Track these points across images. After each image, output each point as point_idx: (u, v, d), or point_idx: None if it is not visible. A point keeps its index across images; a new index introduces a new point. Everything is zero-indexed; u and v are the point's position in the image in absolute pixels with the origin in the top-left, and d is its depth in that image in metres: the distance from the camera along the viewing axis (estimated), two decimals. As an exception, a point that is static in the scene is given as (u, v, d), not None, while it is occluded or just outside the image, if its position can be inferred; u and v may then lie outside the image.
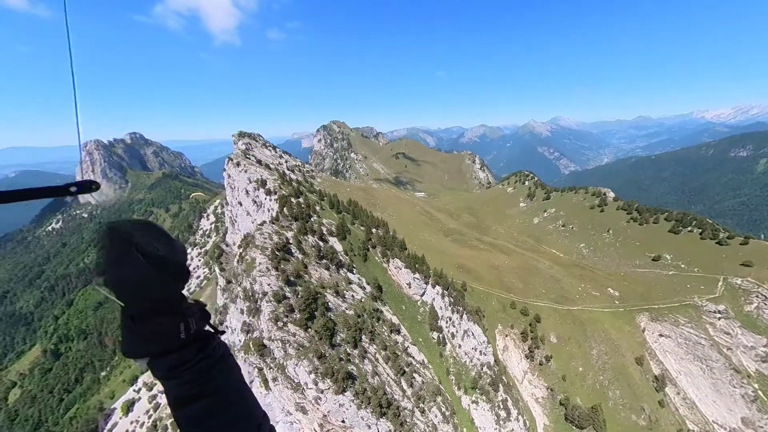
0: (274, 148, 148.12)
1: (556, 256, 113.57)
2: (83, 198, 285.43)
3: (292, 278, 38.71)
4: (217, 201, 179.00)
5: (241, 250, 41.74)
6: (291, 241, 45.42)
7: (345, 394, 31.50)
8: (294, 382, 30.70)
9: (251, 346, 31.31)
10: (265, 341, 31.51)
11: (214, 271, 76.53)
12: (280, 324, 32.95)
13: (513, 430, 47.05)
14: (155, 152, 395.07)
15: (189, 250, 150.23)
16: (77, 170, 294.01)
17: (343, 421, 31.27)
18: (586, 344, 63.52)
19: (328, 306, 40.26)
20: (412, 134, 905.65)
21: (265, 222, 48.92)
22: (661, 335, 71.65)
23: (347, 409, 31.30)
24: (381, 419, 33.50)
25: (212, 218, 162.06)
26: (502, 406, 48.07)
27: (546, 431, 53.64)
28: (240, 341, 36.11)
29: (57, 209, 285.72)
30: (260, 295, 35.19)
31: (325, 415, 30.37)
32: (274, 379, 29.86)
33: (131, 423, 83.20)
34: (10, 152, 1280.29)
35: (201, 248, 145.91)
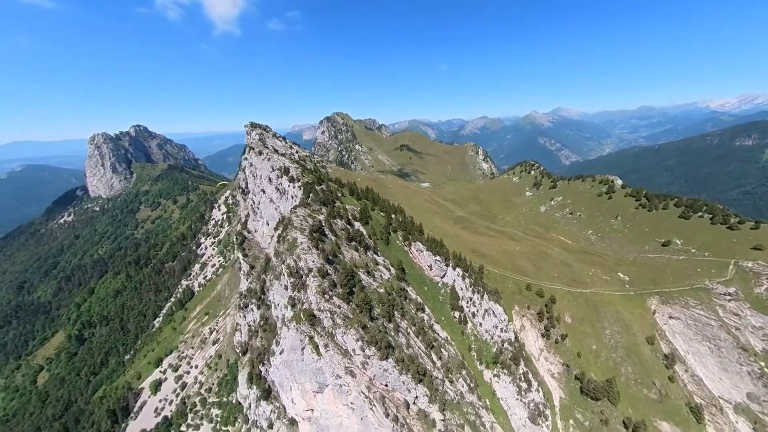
0: (284, 139, 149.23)
1: (564, 243, 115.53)
2: (94, 191, 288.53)
3: (330, 257, 41.00)
4: (227, 192, 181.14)
5: (279, 231, 43.91)
6: (324, 224, 47.57)
7: (388, 360, 34.12)
8: (342, 348, 33.28)
9: (302, 316, 33.80)
10: (315, 312, 33.96)
11: (238, 256, 79.13)
12: (326, 297, 35.40)
13: (534, 399, 50.07)
14: (159, 145, 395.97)
15: (203, 240, 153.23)
16: (86, 164, 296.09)
17: (386, 385, 33.96)
18: (599, 324, 66.13)
19: (362, 284, 42.67)
20: (413, 126, 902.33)
21: (297, 206, 51.05)
22: (671, 317, 74.09)
23: (390, 374, 33.96)
24: (419, 385, 36.23)
25: (223, 208, 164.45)
26: (523, 379, 50.99)
27: (562, 404, 56.71)
28: (283, 315, 38.67)
29: (69, 202, 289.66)
30: (305, 271, 37.52)
31: (371, 379, 33.03)
32: (326, 346, 32.40)
33: (160, 401, 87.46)
34: (15, 146, 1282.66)
35: (214, 238, 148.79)
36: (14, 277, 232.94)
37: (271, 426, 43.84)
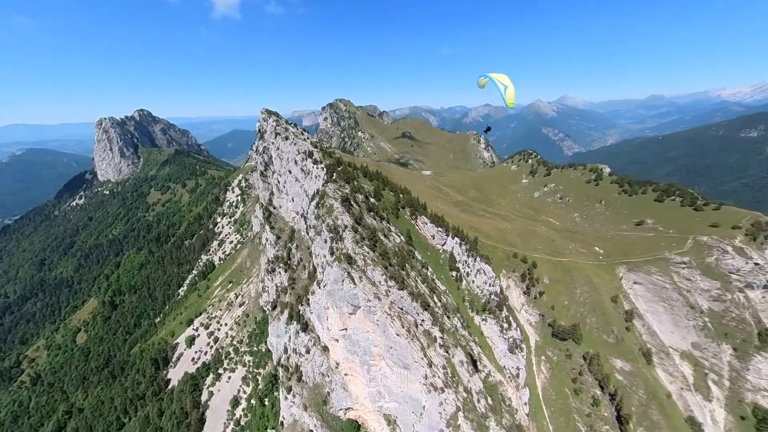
0: (295, 125, 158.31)
1: (552, 224, 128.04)
2: (103, 175, 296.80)
3: (358, 220, 52.53)
4: (240, 176, 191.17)
5: (316, 200, 55.28)
6: (349, 197, 59.02)
7: (403, 291, 46.40)
8: (371, 280, 45.36)
9: (342, 257, 45.77)
10: (351, 254, 45.89)
11: (265, 229, 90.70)
12: (359, 245, 47.21)
13: (512, 336, 63.27)
14: (163, 129, 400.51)
15: (219, 220, 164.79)
16: (95, 148, 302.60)
17: (401, 308, 46.35)
18: (572, 285, 79.12)
19: (382, 242, 54.62)
20: (415, 113, 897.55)
21: (328, 182, 62.29)
22: (635, 283, 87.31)
23: (405, 300, 46.29)
24: (425, 312, 48.78)
25: (237, 191, 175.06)
26: (505, 321, 64.01)
27: (537, 345, 70.30)
28: (323, 261, 50.71)
29: (78, 186, 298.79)
30: (342, 228, 49.20)
31: (392, 303, 45.33)
32: (360, 278, 44.45)
33: (195, 352, 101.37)
34: (12, 129, 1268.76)
35: (230, 217, 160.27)
36: (34, 255, 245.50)
37: (308, 351, 56.89)
